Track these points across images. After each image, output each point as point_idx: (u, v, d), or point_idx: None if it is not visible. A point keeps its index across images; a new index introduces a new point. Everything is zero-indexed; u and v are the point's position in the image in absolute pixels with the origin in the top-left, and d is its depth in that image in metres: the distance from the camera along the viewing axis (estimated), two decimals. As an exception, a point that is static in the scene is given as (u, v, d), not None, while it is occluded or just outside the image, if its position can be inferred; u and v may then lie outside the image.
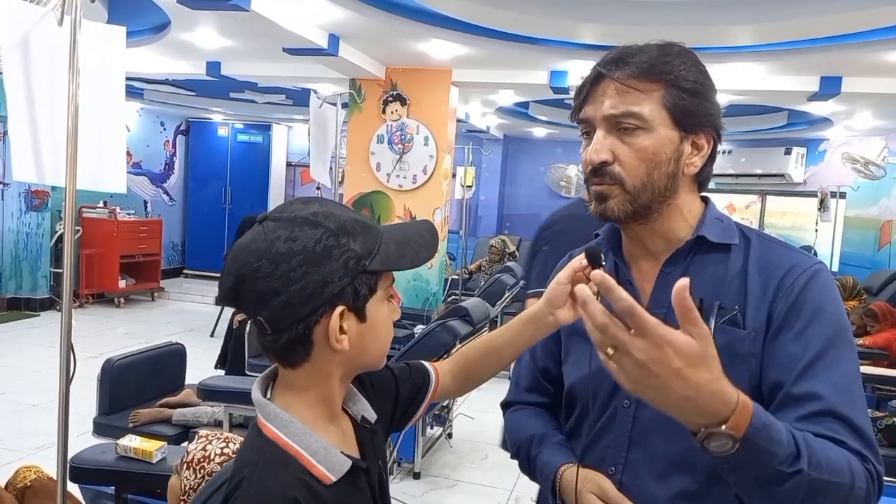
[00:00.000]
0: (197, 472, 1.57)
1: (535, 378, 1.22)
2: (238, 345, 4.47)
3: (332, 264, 0.80)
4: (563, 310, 1.04)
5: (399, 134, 5.63)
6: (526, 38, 4.38)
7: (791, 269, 0.96)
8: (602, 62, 0.99)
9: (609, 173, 0.97)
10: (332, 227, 0.81)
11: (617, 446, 1.02)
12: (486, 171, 10.02)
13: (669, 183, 0.97)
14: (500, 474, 3.83)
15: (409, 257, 0.87)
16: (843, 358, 0.92)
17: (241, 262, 0.81)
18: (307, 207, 0.83)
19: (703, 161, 1.00)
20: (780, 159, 8.09)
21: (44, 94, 1.75)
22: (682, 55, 0.98)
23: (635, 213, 0.98)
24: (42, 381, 5.00)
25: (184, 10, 3.83)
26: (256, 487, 0.79)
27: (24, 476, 2.18)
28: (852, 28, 3.74)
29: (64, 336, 1.80)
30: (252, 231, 0.83)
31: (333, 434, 0.88)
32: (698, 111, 0.97)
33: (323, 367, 0.85)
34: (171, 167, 9.85)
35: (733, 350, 0.94)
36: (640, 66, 0.95)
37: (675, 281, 0.98)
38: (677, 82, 0.95)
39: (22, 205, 7.34)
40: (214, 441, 1.64)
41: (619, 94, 0.95)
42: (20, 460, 3.41)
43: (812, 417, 0.89)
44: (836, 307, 0.95)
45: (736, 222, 1.05)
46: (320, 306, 0.81)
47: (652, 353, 0.72)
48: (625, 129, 0.96)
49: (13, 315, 7.12)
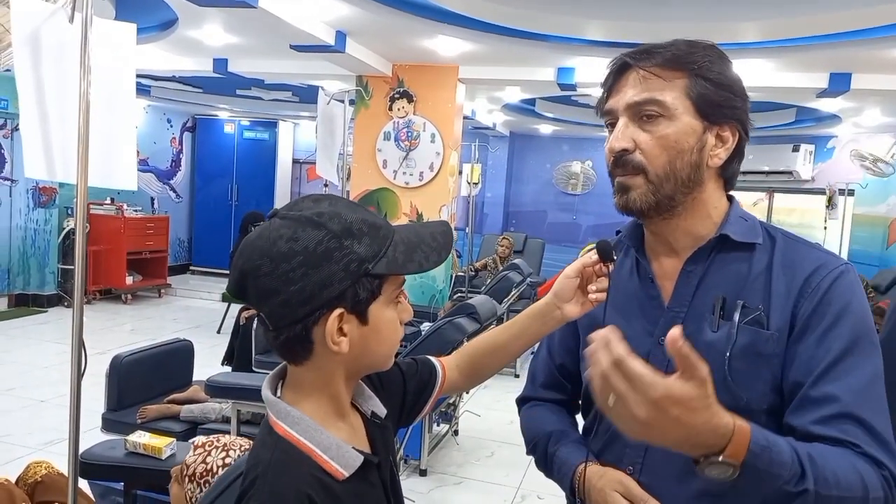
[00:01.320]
0: (201, 486, 1.56)
1: (552, 374, 1.21)
2: (245, 341, 4.49)
3: (331, 266, 0.79)
4: (570, 304, 1.04)
5: (406, 131, 5.63)
6: (533, 34, 4.36)
7: (817, 269, 0.94)
8: (628, 53, 0.98)
9: (631, 162, 0.96)
10: (335, 229, 0.80)
11: (635, 446, 1.01)
12: (492, 168, 10.01)
13: (693, 174, 0.96)
14: (507, 471, 3.83)
15: (417, 261, 0.85)
16: (864, 361, 0.91)
17: (246, 257, 0.81)
18: (316, 206, 0.83)
19: (727, 154, 0.98)
20: (787, 156, 8.05)
21: (54, 91, 1.76)
22: (709, 49, 0.97)
23: (658, 205, 0.96)
24: (50, 377, 5.03)
25: (191, 7, 3.83)
26: (270, 485, 0.79)
27: (35, 471, 2.19)
28: (862, 24, 3.72)
29: (76, 332, 1.81)
30: (262, 226, 0.83)
31: (344, 430, 0.88)
32: (722, 102, 0.96)
33: (325, 366, 0.85)
34: (177, 164, 9.87)
35: (756, 350, 0.94)
36: (665, 56, 0.95)
37: (697, 279, 0.99)
38: (702, 72, 0.95)
39: (29, 201, 7.37)
40: (213, 452, 1.60)
41: (642, 82, 0.95)
42: (29, 456, 3.43)
43: (829, 420, 0.88)
44: (862, 309, 0.94)
45: (761, 221, 1.04)
46: (318, 308, 0.80)
47: (651, 410, 0.73)
48: (647, 116, 0.95)
49: (21, 311, 7.16)
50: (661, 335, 1.00)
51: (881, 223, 7.55)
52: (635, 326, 1.03)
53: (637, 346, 1.02)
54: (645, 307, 1.03)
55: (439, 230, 0.91)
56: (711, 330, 0.96)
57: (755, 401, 0.93)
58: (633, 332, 1.03)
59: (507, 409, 4.77)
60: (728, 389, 0.92)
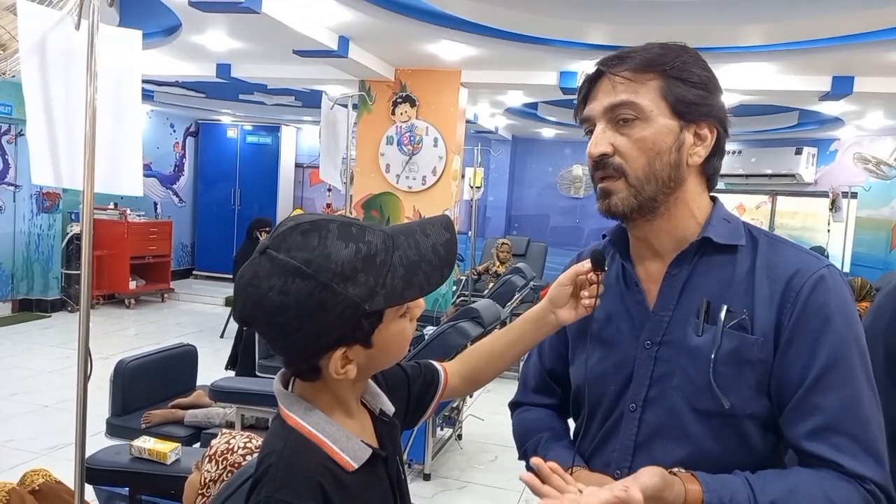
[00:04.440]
0: (220, 464, 1.58)
1: (543, 379, 1.22)
2: (248, 346, 4.49)
3: (326, 316, 0.79)
4: (564, 309, 1.07)
5: (408, 135, 5.64)
6: (535, 38, 4.37)
7: (797, 272, 0.94)
8: (601, 60, 0.99)
9: (611, 165, 0.97)
10: (324, 280, 0.78)
11: (623, 450, 1.02)
12: (494, 171, 10.01)
13: (673, 173, 0.96)
14: (510, 476, 3.83)
15: (418, 285, 0.83)
16: (851, 370, 0.90)
17: (242, 303, 0.82)
18: (305, 245, 0.79)
19: (707, 152, 0.98)
20: (790, 159, 8.04)
21: (61, 97, 1.76)
22: (681, 50, 0.98)
23: (641, 208, 0.97)
24: (53, 382, 5.03)
25: (195, 13, 3.85)
26: (283, 474, 0.82)
27: (33, 480, 2.18)
28: (865, 27, 3.72)
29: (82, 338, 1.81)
30: (252, 264, 0.81)
31: (353, 426, 0.90)
32: (698, 101, 0.96)
33: (334, 383, 0.87)
34: (180, 169, 9.89)
35: (742, 356, 0.94)
36: (637, 60, 0.96)
37: (681, 283, 1.00)
38: (675, 73, 0.95)
39: (33, 206, 7.38)
40: (238, 436, 1.66)
41: (616, 86, 0.96)
42: (32, 461, 3.44)
43: (815, 434, 0.89)
44: (845, 313, 0.92)
45: (745, 222, 1.04)
46: (319, 352, 0.83)
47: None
48: (623, 120, 0.96)
49: (25, 316, 7.17)
50: (647, 339, 1.01)
51: (885, 226, 7.54)
52: (622, 330, 1.04)
53: (624, 350, 1.03)
54: (631, 311, 1.04)
55: (441, 240, 0.87)
56: (696, 334, 0.97)
57: (739, 406, 0.94)
58: (621, 336, 1.05)
59: (510, 414, 4.76)
60: (712, 394, 0.94)
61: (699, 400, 0.95)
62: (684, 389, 0.96)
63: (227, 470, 1.58)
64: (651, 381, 1.00)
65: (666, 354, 0.99)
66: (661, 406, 0.99)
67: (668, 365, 0.98)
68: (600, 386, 1.05)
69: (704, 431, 0.95)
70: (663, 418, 0.98)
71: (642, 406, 1.00)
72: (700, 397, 0.95)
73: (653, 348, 1.00)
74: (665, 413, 0.98)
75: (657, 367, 1.00)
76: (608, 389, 1.04)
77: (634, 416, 1.01)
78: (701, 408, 0.95)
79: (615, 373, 1.03)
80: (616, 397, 1.03)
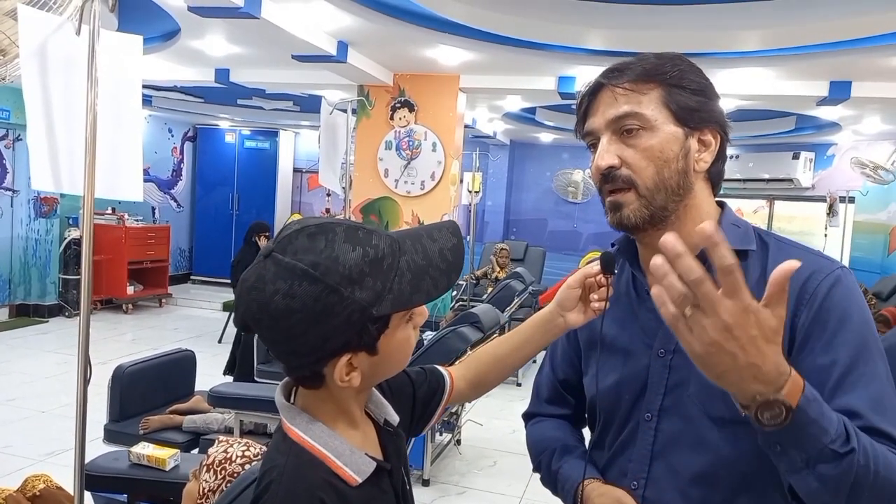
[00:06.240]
0: (218, 474, 1.57)
1: (556, 389, 1.21)
2: (247, 351, 4.49)
3: (333, 320, 0.77)
4: (572, 312, 1.06)
5: (407, 140, 5.64)
6: (534, 43, 4.38)
7: (812, 274, 0.93)
8: (601, 74, 0.99)
9: (619, 177, 0.96)
10: (332, 283, 0.76)
11: (639, 460, 1.01)
12: (492, 176, 10.02)
13: (682, 181, 0.96)
14: (510, 481, 3.82)
15: (425, 290, 0.82)
16: (875, 367, 0.90)
17: (245, 307, 0.80)
18: (311, 248, 0.77)
19: (712, 157, 0.98)
20: (788, 164, 8.06)
21: (61, 102, 1.76)
22: (677, 59, 0.98)
23: (652, 218, 0.96)
24: (51, 388, 5.02)
25: (194, 18, 3.85)
26: (285, 489, 0.80)
27: (34, 485, 2.17)
28: (862, 32, 3.73)
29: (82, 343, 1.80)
30: (256, 268, 0.79)
31: (356, 437, 0.88)
32: (699, 107, 0.96)
33: (337, 391, 0.86)
34: (178, 173, 9.89)
35: None
36: (636, 70, 0.96)
37: None
38: (675, 81, 0.95)
39: (31, 211, 7.37)
40: (235, 445, 1.65)
41: (618, 98, 0.96)
42: (30, 467, 3.42)
43: None
44: (862, 313, 0.92)
45: (754, 227, 1.03)
46: (324, 357, 0.81)
47: (738, 318, 0.69)
48: (628, 131, 0.95)
49: (22, 321, 7.14)
50: (659, 348, 1.00)
51: (882, 230, 7.56)
52: (634, 339, 1.04)
53: (637, 359, 1.02)
54: (642, 320, 1.04)
55: (448, 245, 0.86)
56: None
57: None
58: (632, 344, 1.04)
59: (509, 419, 4.76)
60: (728, 402, 0.92)
61: (715, 408, 0.94)
62: (700, 397, 0.96)
63: (226, 480, 1.57)
64: (666, 390, 0.99)
65: (680, 363, 0.98)
66: (677, 415, 0.98)
67: (683, 373, 0.97)
68: (614, 396, 1.04)
69: (721, 439, 0.94)
70: (680, 427, 0.98)
71: (658, 415, 0.99)
72: (716, 405, 0.94)
73: (666, 357, 0.99)
74: (681, 421, 0.98)
75: (672, 376, 0.99)
76: (622, 399, 1.03)
77: (650, 426, 1.00)
78: (717, 415, 0.94)
79: (629, 382, 1.03)
80: (631, 407, 1.03)
